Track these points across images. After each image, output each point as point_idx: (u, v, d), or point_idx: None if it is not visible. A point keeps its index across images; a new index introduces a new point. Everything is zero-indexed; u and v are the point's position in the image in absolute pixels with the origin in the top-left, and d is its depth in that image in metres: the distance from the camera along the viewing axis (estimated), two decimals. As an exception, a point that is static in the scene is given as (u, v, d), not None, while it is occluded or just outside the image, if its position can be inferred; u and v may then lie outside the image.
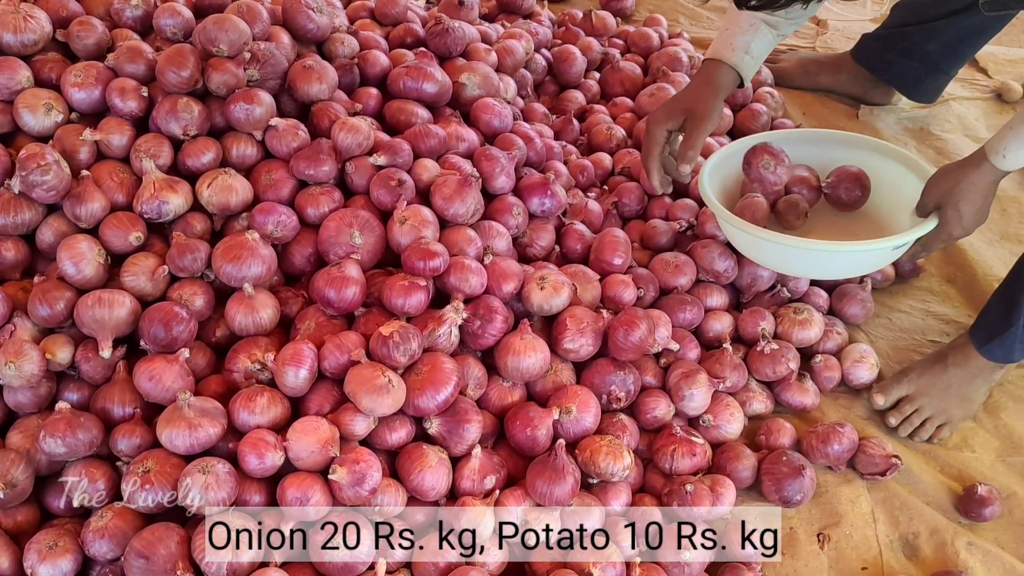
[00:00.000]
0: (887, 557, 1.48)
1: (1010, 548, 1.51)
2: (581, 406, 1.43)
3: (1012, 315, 1.53)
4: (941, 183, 1.51)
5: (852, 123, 2.20)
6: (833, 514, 1.52)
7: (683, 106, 1.50)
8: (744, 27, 1.52)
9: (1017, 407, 1.69)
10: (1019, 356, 1.60)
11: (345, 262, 1.40)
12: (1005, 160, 1.41)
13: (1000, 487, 1.57)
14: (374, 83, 1.73)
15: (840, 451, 1.53)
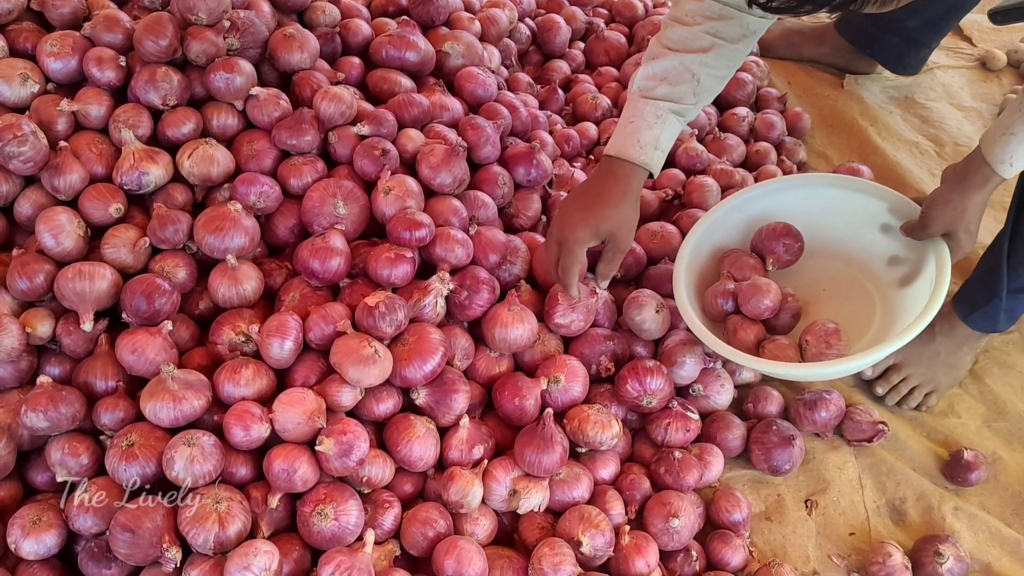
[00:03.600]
0: (874, 522, 1.49)
1: (996, 512, 1.52)
2: (570, 376, 1.43)
3: (994, 287, 1.53)
4: (945, 211, 1.44)
5: (837, 92, 2.19)
6: (821, 481, 1.52)
7: (607, 228, 1.37)
8: (651, 120, 1.36)
9: (1003, 372, 1.70)
10: (1004, 326, 1.60)
11: (329, 233, 1.39)
12: (1012, 168, 1.36)
13: (985, 452, 1.58)
14: (356, 52, 1.71)
15: (827, 418, 1.53)
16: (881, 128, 2.12)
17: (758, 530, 1.46)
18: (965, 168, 1.40)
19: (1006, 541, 1.47)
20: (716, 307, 1.53)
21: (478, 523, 1.31)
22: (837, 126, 2.14)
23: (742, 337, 1.48)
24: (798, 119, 2.07)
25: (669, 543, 1.36)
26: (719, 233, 1.61)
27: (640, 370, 1.44)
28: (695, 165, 1.82)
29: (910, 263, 1.53)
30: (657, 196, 1.77)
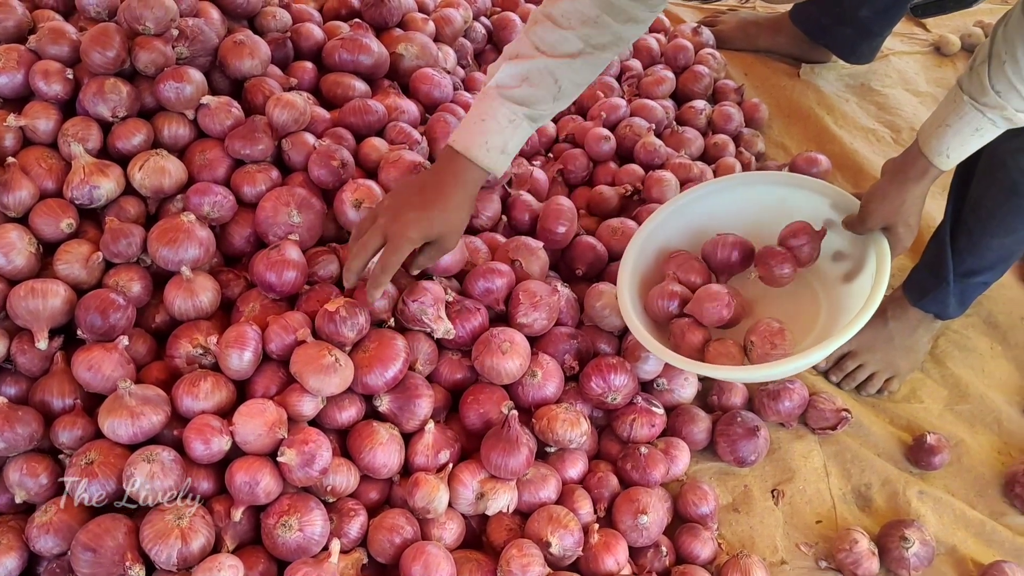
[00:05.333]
0: (840, 509, 1.50)
1: (960, 495, 1.54)
2: (547, 374, 1.42)
3: (941, 272, 1.55)
4: (884, 205, 1.43)
5: (794, 82, 2.20)
6: (787, 470, 1.53)
7: (439, 230, 1.30)
8: (503, 123, 1.30)
9: (963, 356, 1.72)
10: (954, 312, 1.62)
11: (284, 244, 1.37)
12: (949, 160, 1.35)
13: (948, 435, 1.59)
14: (309, 57, 1.70)
15: (791, 408, 1.54)
16: (838, 116, 2.14)
17: (726, 522, 1.47)
18: (903, 161, 1.41)
19: (971, 523, 1.49)
20: (660, 309, 1.51)
21: (445, 527, 1.30)
22: (794, 116, 2.15)
23: (689, 340, 1.47)
24: (755, 110, 2.08)
25: (638, 539, 1.36)
26: (663, 235, 1.60)
27: (604, 367, 1.44)
28: (653, 160, 1.83)
29: (853, 258, 1.53)
30: (616, 192, 1.77)
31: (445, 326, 1.39)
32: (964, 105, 1.28)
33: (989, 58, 1.23)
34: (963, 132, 1.30)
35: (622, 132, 1.88)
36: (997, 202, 1.46)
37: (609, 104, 1.93)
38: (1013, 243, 1.51)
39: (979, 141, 1.31)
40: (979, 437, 1.62)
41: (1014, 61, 1.19)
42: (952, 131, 1.31)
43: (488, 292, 1.46)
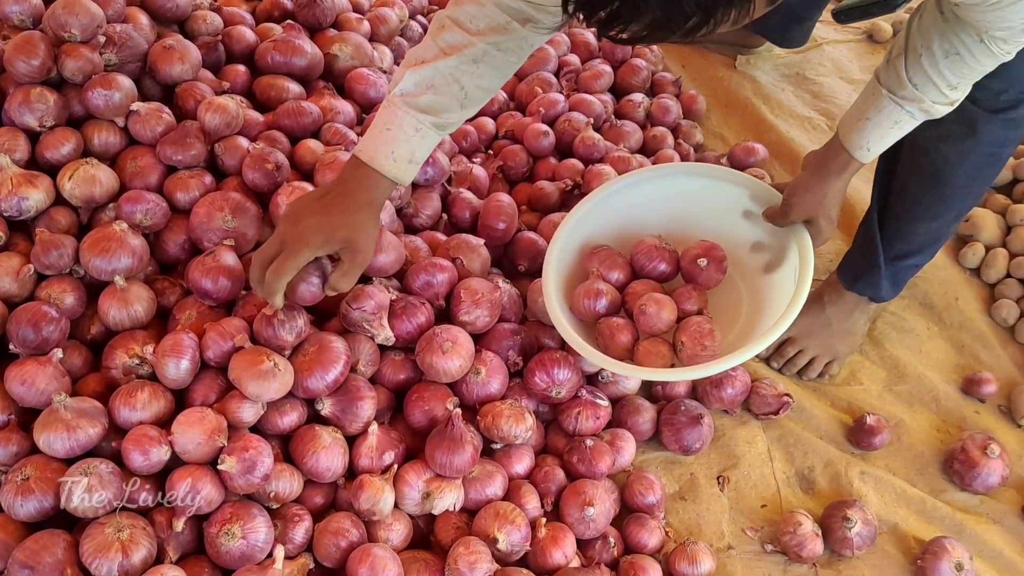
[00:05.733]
0: (785, 493, 1.52)
1: (900, 473, 1.57)
2: (491, 371, 1.43)
3: (872, 257, 1.58)
4: (806, 198, 1.46)
5: (731, 73, 2.23)
6: (731, 456, 1.55)
7: (343, 235, 1.24)
8: (409, 133, 1.26)
9: (901, 337, 1.75)
10: (888, 295, 1.65)
11: (219, 250, 1.36)
12: (870, 153, 1.38)
13: (888, 415, 1.62)
14: (241, 60, 1.68)
15: (734, 395, 1.56)
16: (774, 105, 2.17)
17: (673, 510, 1.48)
18: (824, 155, 1.43)
19: (911, 501, 1.52)
20: (587, 309, 1.52)
21: (392, 529, 1.30)
22: (732, 106, 2.17)
23: (618, 339, 1.48)
24: (693, 102, 2.10)
25: (586, 531, 1.37)
26: (585, 230, 1.61)
27: (547, 361, 1.45)
28: (592, 154, 1.84)
29: (773, 249, 1.56)
30: (557, 187, 1.78)
31: (386, 333, 1.38)
32: (883, 99, 1.30)
33: (905, 51, 1.25)
34: (883, 125, 1.33)
35: (561, 127, 1.89)
36: (921, 189, 1.49)
37: (548, 99, 1.94)
38: (939, 227, 1.55)
39: (898, 133, 1.34)
40: (918, 416, 1.65)
41: (930, 54, 1.22)
42: (872, 124, 1.33)
43: (428, 286, 1.45)
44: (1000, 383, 1.68)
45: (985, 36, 1.16)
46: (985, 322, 1.78)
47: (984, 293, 1.83)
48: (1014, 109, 1.36)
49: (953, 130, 1.37)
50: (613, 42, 0.93)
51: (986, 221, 1.86)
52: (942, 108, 1.28)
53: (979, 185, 1.50)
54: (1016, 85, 1.33)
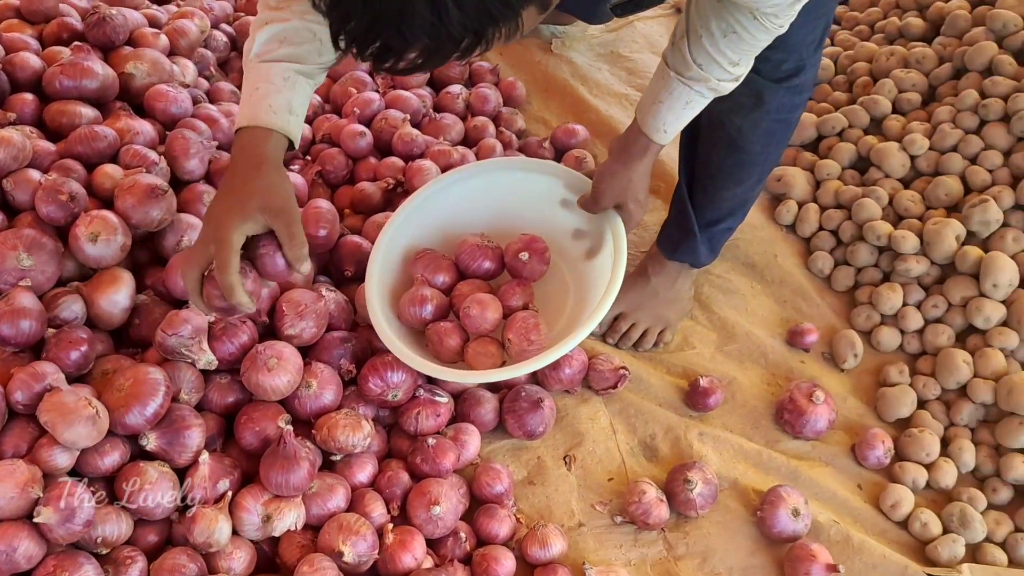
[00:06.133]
0: (629, 464, 1.56)
1: (737, 429, 1.63)
2: (322, 382, 1.40)
3: (686, 225, 1.64)
4: (613, 183, 1.49)
5: (548, 56, 2.25)
6: (576, 435, 1.57)
7: (256, 204, 1.16)
8: (279, 83, 1.23)
9: (727, 298, 1.82)
10: (707, 259, 1.71)
11: (15, 292, 1.28)
12: (667, 135, 1.42)
13: (721, 375, 1.68)
14: (28, 88, 1.58)
15: (572, 374, 1.58)
16: (592, 86, 2.21)
17: (523, 496, 1.50)
18: (625, 140, 1.48)
19: (748, 455, 1.58)
20: (414, 316, 1.51)
21: (233, 557, 1.26)
22: (551, 90, 2.20)
23: (448, 344, 1.48)
24: (513, 88, 2.11)
25: (435, 530, 1.36)
26: (408, 234, 1.60)
27: (380, 366, 1.43)
28: (412, 150, 1.82)
29: (592, 236, 1.59)
30: (379, 187, 1.76)
31: (208, 357, 1.34)
32: (672, 81, 1.34)
33: (687, 33, 1.30)
34: (675, 107, 1.37)
35: (378, 126, 1.87)
36: (722, 159, 1.56)
37: (362, 99, 1.91)
38: (744, 192, 1.62)
39: (692, 112, 1.39)
40: (749, 372, 1.72)
41: (709, 34, 1.26)
42: (665, 107, 1.38)
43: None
44: (821, 331, 1.77)
45: (757, 13, 1.21)
46: (804, 275, 1.87)
47: (800, 247, 1.92)
48: (796, 76, 1.43)
49: (743, 102, 1.43)
50: (391, 74, 0.92)
51: (796, 179, 1.95)
52: (728, 84, 1.34)
53: (774, 149, 1.57)
54: (795, 54, 1.40)
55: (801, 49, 1.41)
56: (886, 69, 2.06)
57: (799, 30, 1.30)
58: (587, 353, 1.64)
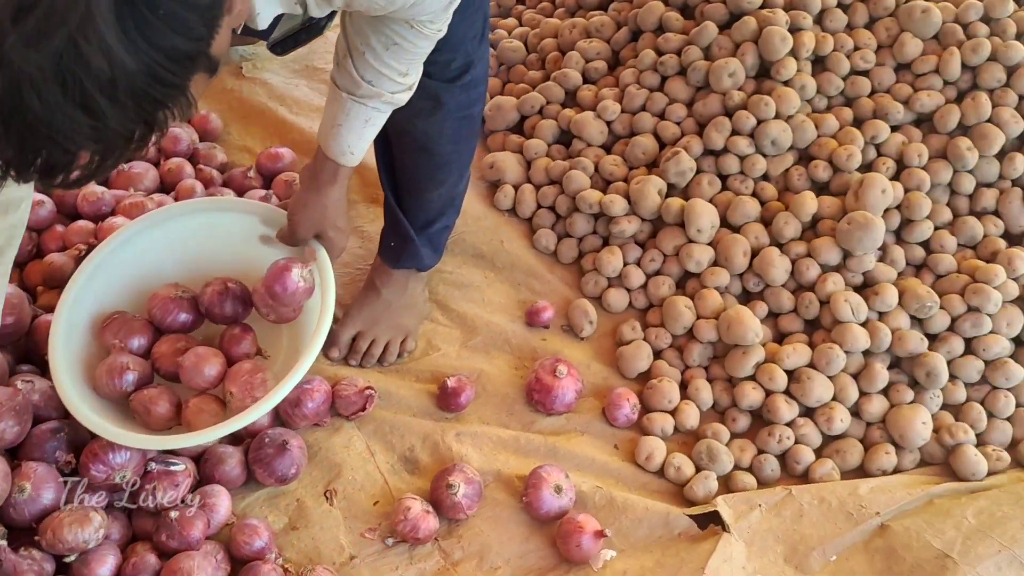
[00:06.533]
0: (393, 482, 1.53)
1: (493, 420, 1.64)
2: (38, 482, 1.28)
3: (402, 232, 1.64)
4: (307, 214, 1.45)
5: (241, 81, 2.18)
6: (333, 467, 1.53)
7: None
8: None
9: (464, 293, 1.83)
10: (432, 261, 1.71)
11: None
12: (355, 156, 1.40)
13: (469, 371, 1.69)
14: None
15: (316, 407, 1.53)
16: (292, 104, 2.15)
17: (287, 544, 1.44)
18: (314, 168, 1.45)
19: (507, 443, 1.59)
20: (115, 389, 1.41)
21: None
22: (250, 116, 2.12)
23: (156, 412, 1.39)
24: (206, 122, 2.02)
25: (197, 604, 1.28)
26: (91, 300, 1.50)
27: (98, 449, 1.33)
28: (100, 209, 1.70)
29: None
30: (70, 256, 1.62)
31: None
32: (346, 102, 1.33)
33: (350, 52, 1.28)
34: (355, 127, 1.36)
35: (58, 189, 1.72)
36: (417, 163, 1.56)
37: (36, 164, 1.76)
38: (448, 189, 1.63)
39: (374, 129, 1.38)
40: (496, 361, 1.73)
41: (371, 49, 1.25)
42: (345, 129, 1.36)
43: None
44: (557, 305, 1.82)
45: (413, 23, 1.21)
46: (532, 255, 1.91)
47: (524, 229, 1.96)
48: (467, 73, 1.46)
49: (422, 106, 1.43)
50: (66, 188, 0.84)
51: (507, 163, 1.99)
52: (403, 95, 1.34)
53: (465, 145, 1.59)
54: (461, 51, 1.42)
55: (466, 45, 1.43)
56: (571, 42, 2.13)
57: (459, 28, 1.31)
58: (330, 381, 1.59)
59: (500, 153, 2.01)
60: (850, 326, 1.67)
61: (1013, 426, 1.67)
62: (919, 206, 1.77)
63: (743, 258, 1.76)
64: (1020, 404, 1.69)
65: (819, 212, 1.78)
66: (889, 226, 1.77)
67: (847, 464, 1.62)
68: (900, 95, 1.88)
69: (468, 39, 1.43)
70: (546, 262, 1.90)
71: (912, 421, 1.61)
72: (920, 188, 1.79)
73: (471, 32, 1.42)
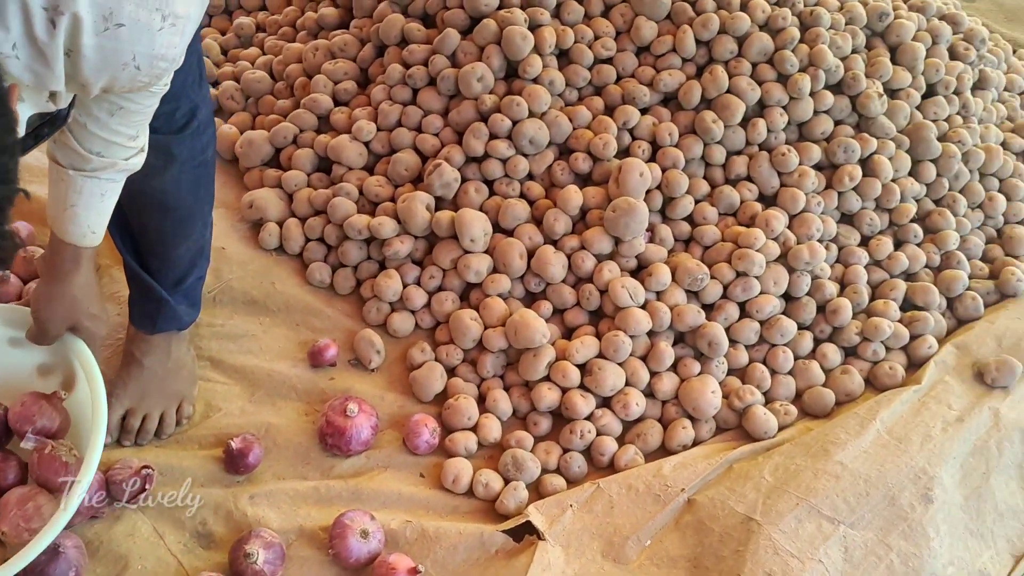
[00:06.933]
0: (188, 561, 1.42)
1: (288, 474, 1.56)
2: None
3: (154, 295, 1.53)
4: (54, 307, 1.33)
5: None
6: (118, 560, 1.40)
7: None
8: None
9: (238, 344, 1.72)
10: (191, 317, 1.60)
11: None
12: (97, 235, 1.30)
13: (257, 427, 1.59)
14: None
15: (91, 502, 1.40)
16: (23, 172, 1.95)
17: (75, 658, 1.30)
18: (52, 257, 1.33)
19: (307, 496, 1.51)
20: None
21: None
22: None
23: None
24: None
25: None
26: None
27: None
28: None
29: (61, 365, 1.43)
30: None
31: None
32: (75, 180, 1.22)
33: (69, 127, 1.16)
34: (92, 204, 1.25)
35: None
36: (159, 222, 1.46)
37: None
38: (196, 240, 1.53)
39: (112, 200, 1.28)
40: (284, 411, 1.64)
41: (95, 120, 1.15)
42: (82, 209, 1.25)
43: None
44: (341, 340, 1.75)
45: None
46: (307, 292, 1.83)
47: (296, 266, 1.87)
48: (193, 119, 1.38)
49: (155, 164, 1.33)
50: None
51: (268, 200, 1.89)
52: (137, 159, 1.25)
53: (205, 192, 1.50)
54: (183, 99, 1.34)
55: (187, 91, 1.34)
56: (316, 65, 2.06)
57: (178, 75, 1.21)
58: (101, 467, 1.45)
59: (258, 190, 1.92)
60: (631, 311, 1.69)
61: (795, 378, 1.75)
62: (677, 183, 1.82)
63: (520, 260, 1.75)
64: (798, 356, 1.77)
65: (586, 203, 1.80)
66: (653, 207, 1.81)
67: (649, 446, 1.64)
68: (644, 78, 1.93)
69: (188, 85, 1.34)
70: (323, 296, 1.83)
71: (702, 392, 1.65)
72: (676, 166, 1.85)
73: (190, 77, 1.33)
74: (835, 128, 1.95)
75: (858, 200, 1.92)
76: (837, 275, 1.87)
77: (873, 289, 1.87)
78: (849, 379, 1.74)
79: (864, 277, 1.86)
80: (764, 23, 1.94)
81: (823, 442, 1.59)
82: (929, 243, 1.95)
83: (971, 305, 1.86)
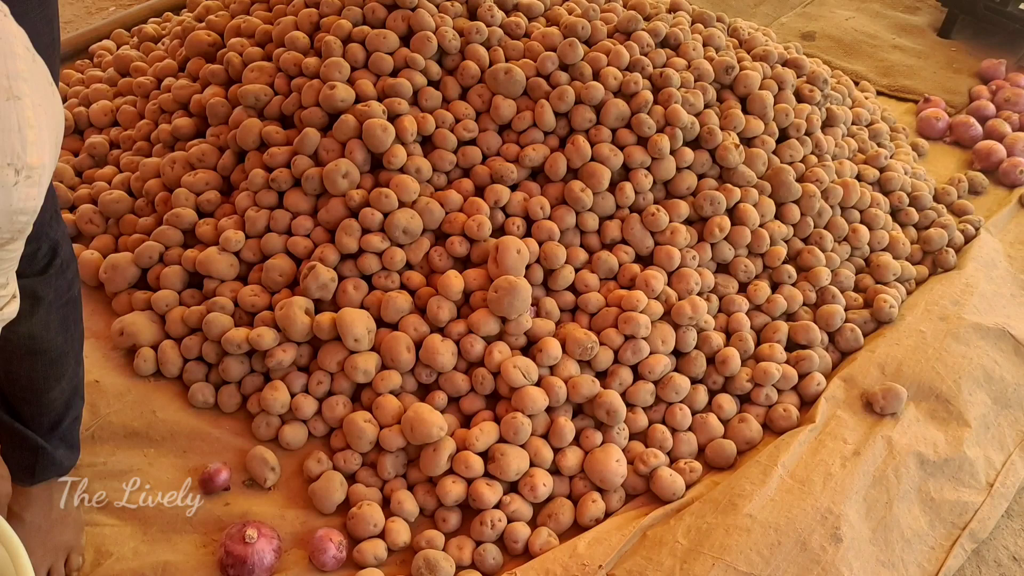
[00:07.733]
0: None
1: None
2: None
3: (27, 444, 1.43)
4: None
5: None
6: None
7: None
8: None
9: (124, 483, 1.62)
10: (71, 459, 1.51)
11: None
12: None
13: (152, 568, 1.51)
14: None
15: None
16: None
17: None
18: None
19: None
20: None
21: None
22: None
23: None
24: None
25: None
26: None
27: None
28: None
29: None
30: None
31: None
32: None
33: None
34: None
35: None
36: (29, 368, 1.37)
37: None
38: (70, 379, 1.44)
39: None
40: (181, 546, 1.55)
41: None
42: None
43: None
44: (233, 461, 1.68)
45: None
46: (191, 415, 1.75)
47: (176, 389, 1.79)
48: (56, 257, 1.31)
49: (20, 309, 1.25)
50: None
51: (139, 325, 1.81)
52: (10, 307, 1.15)
53: (75, 330, 1.42)
54: (44, 238, 1.28)
55: (45, 229, 1.28)
56: (175, 178, 2.00)
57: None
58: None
59: (128, 315, 1.83)
60: (526, 390, 1.68)
61: (695, 434, 1.76)
62: (555, 255, 1.83)
63: (408, 354, 1.72)
64: (695, 411, 1.79)
65: (468, 286, 1.79)
66: (534, 281, 1.82)
67: (562, 525, 1.62)
68: (509, 155, 1.95)
69: (45, 222, 1.27)
70: (209, 418, 1.76)
71: (607, 463, 1.64)
72: (552, 237, 1.86)
73: (47, 213, 1.26)
74: (699, 182, 2.00)
75: (731, 249, 1.97)
76: (721, 325, 1.90)
77: (757, 333, 1.92)
78: (747, 427, 1.76)
79: (747, 323, 1.90)
80: (617, 89, 1.99)
81: (730, 495, 1.60)
82: (803, 281, 2.01)
83: (851, 337, 1.92)
